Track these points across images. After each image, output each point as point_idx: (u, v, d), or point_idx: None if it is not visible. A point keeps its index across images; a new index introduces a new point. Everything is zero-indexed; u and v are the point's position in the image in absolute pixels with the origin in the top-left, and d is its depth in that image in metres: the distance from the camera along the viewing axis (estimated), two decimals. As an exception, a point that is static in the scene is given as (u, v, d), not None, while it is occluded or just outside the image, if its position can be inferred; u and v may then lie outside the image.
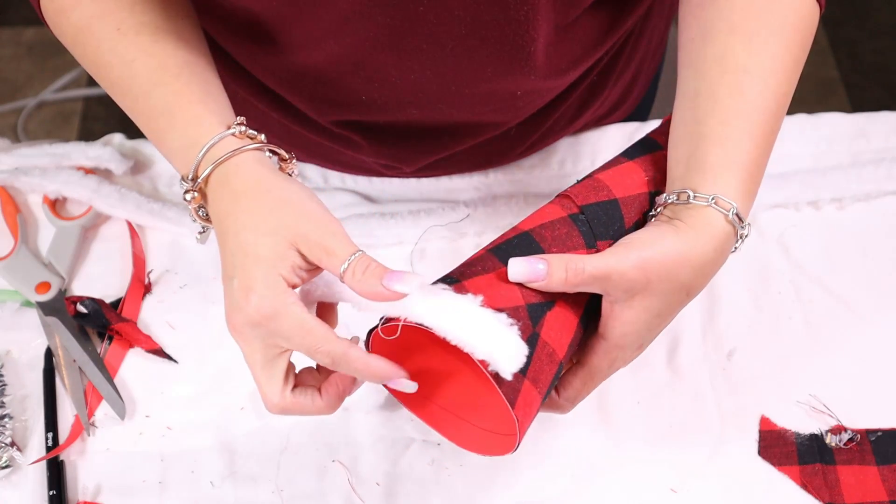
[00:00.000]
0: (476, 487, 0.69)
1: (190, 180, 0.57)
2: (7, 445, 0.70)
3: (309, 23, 0.63)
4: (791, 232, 0.81)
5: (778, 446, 0.70)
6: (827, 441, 0.70)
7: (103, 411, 0.73)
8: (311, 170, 0.86)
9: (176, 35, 0.61)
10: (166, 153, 0.60)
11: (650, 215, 0.59)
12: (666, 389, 0.73)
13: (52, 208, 0.82)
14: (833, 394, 0.72)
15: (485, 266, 0.55)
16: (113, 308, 0.77)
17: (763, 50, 0.59)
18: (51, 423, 0.71)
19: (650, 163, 0.61)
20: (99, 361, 0.74)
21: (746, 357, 0.75)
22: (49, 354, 0.75)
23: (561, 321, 0.55)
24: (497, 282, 0.54)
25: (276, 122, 0.79)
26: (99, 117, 2.00)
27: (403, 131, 0.76)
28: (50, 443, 0.71)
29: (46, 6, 0.64)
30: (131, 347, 0.76)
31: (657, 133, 0.64)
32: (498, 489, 0.69)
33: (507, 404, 0.52)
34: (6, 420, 0.71)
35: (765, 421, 0.71)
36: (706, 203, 0.55)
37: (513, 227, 0.59)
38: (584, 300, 0.57)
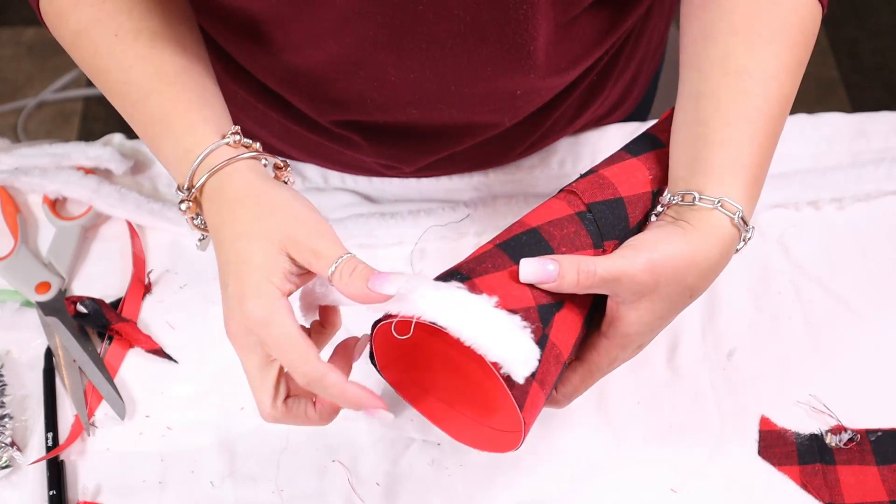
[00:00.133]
0: (476, 487, 0.69)
1: (185, 190, 0.57)
2: (7, 445, 0.70)
3: (308, 22, 0.63)
4: (791, 232, 0.81)
5: (778, 446, 0.70)
6: (827, 441, 0.70)
7: (103, 411, 0.73)
8: (311, 170, 0.86)
9: (174, 41, 0.61)
10: (162, 161, 0.61)
11: (653, 214, 0.59)
12: (666, 389, 0.73)
13: (52, 208, 0.82)
14: (833, 394, 0.72)
15: (495, 263, 0.55)
16: (113, 308, 0.77)
17: (765, 51, 0.59)
18: (51, 423, 0.71)
19: (654, 161, 0.61)
20: (99, 361, 0.74)
21: (746, 357, 0.75)
22: (49, 354, 0.75)
23: (568, 322, 0.55)
24: (509, 281, 0.54)
25: (276, 122, 0.79)
26: (99, 117, 2.00)
27: (403, 131, 0.76)
28: (50, 443, 0.71)
29: (46, 9, 0.64)
30: (131, 347, 0.76)
31: (658, 129, 0.63)
32: (498, 489, 0.69)
33: (517, 407, 0.52)
34: (6, 420, 0.71)
35: (765, 421, 0.71)
36: (711, 205, 0.55)
37: (518, 221, 0.58)
38: (590, 300, 0.57)
